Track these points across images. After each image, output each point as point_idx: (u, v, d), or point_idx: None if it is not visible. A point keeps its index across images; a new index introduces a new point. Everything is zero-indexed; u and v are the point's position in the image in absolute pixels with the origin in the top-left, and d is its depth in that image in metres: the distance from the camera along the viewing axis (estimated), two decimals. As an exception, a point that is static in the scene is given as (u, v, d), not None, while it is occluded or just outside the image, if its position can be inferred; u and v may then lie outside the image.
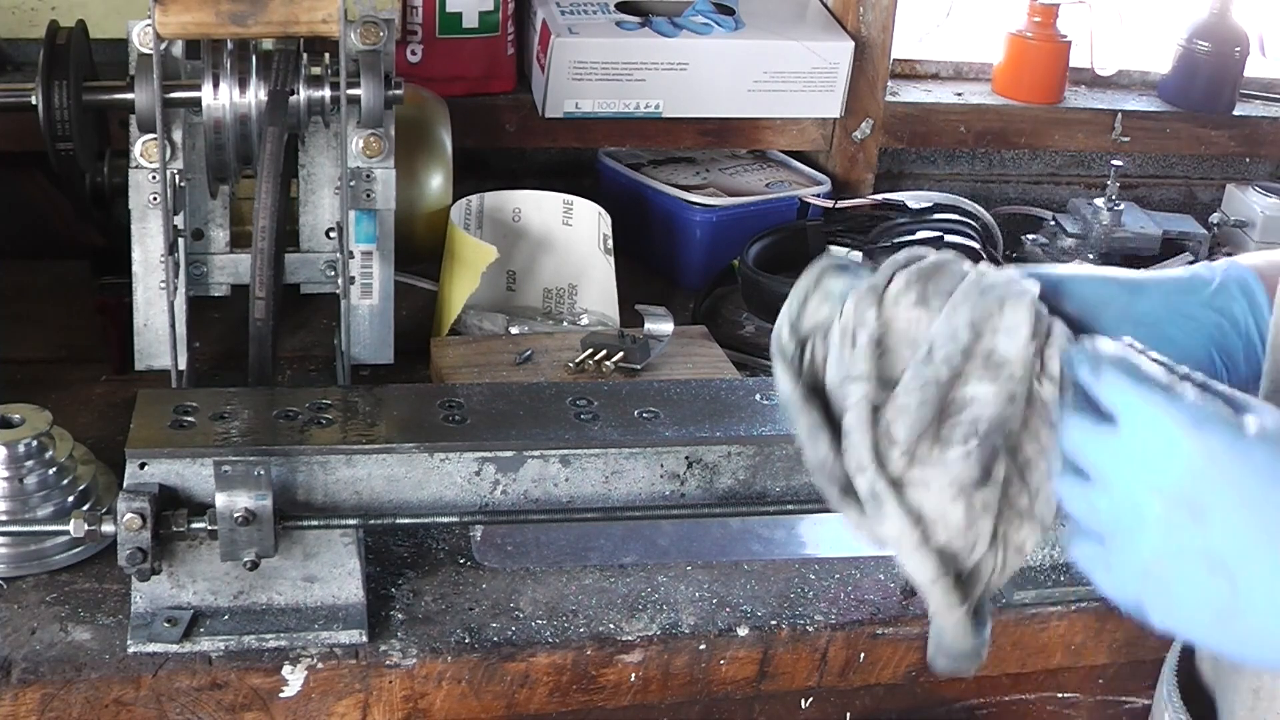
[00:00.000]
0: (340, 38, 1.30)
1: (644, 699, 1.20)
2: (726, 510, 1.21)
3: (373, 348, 1.50)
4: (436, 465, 1.14)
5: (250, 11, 1.27)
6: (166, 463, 1.10)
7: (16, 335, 1.50)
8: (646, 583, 1.24)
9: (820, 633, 1.21)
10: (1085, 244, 1.88)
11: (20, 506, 1.19)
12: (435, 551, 1.25)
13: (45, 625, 1.13)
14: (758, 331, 1.67)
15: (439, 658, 1.14)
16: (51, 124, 1.33)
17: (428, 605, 1.19)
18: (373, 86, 1.35)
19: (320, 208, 1.47)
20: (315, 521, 1.12)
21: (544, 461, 1.16)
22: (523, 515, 1.17)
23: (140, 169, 1.37)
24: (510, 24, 1.89)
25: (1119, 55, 2.22)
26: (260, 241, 1.24)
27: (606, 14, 1.89)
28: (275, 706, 1.12)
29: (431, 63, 1.85)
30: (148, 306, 1.43)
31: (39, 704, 1.08)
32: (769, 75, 1.89)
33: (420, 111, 1.65)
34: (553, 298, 1.68)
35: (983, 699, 1.32)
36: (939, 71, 2.20)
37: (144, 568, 1.07)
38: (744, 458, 1.19)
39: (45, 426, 1.21)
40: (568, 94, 1.84)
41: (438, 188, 1.65)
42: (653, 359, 1.48)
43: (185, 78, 1.36)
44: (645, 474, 1.18)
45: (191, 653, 1.11)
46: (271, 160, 1.26)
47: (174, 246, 1.35)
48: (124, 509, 1.06)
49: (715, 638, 1.19)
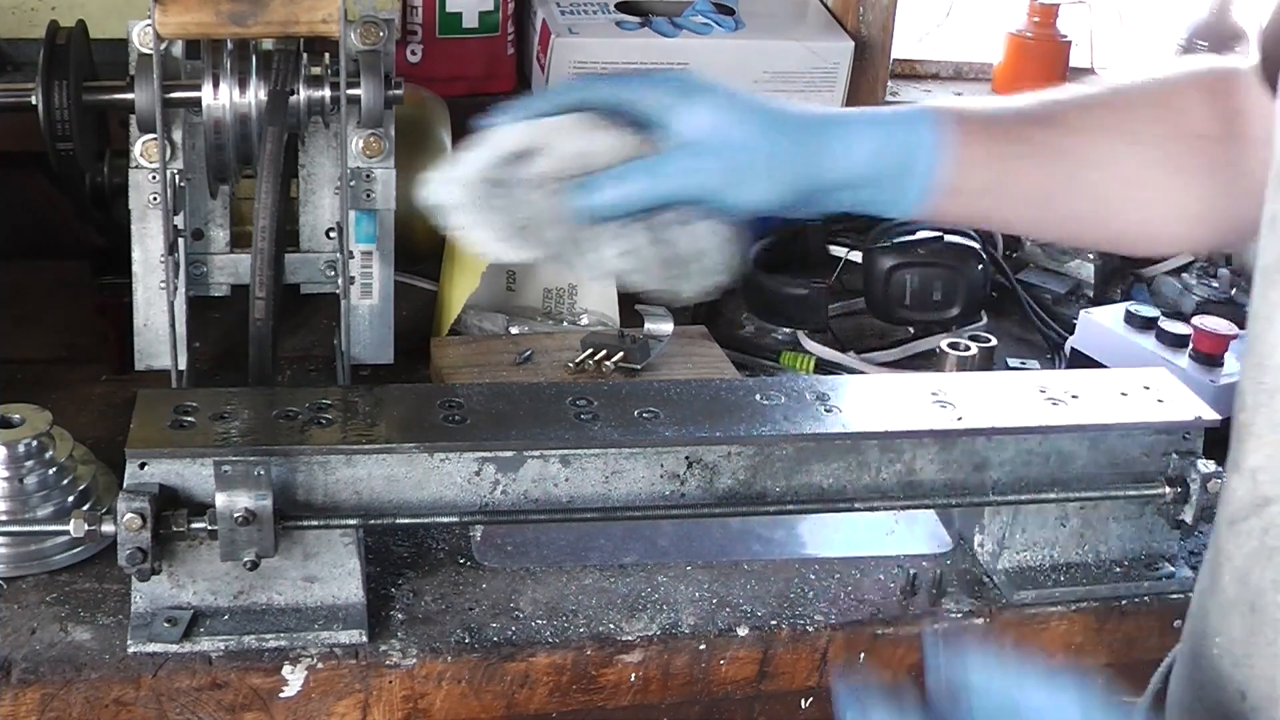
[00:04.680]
0: (340, 38, 1.30)
1: (644, 699, 1.20)
2: (726, 510, 1.21)
3: (373, 348, 1.50)
4: (436, 465, 1.14)
5: (250, 11, 1.27)
6: (166, 463, 1.10)
7: (16, 335, 1.50)
8: (646, 583, 1.24)
9: (820, 633, 1.21)
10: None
11: (20, 506, 1.19)
12: (435, 551, 1.25)
13: (45, 625, 1.13)
14: (758, 331, 1.67)
15: (439, 658, 1.14)
16: (51, 124, 1.33)
17: (428, 605, 1.19)
18: (373, 86, 1.35)
19: (320, 208, 1.47)
20: (315, 521, 1.12)
21: (544, 461, 1.16)
22: (523, 515, 1.17)
23: (140, 169, 1.37)
24: (510, 24, 1.89)
25: (1119, 55, 2.22)
26: (260, 241, 1.24)
27: (606, 14, 1.89)
28: (275, 706, 1.12)
29: (431, 63, 1.85)
30: (148, 306, 1.43)
31: (39, 704, 1.08)
32: (769, 75, 1.89)
33: (420, 111, 1.65)
34: (553, 298, 1.68)
35: (983, 699, 1.32)
36: (939, 71, 2.21)
37: (144, 568, 1.07)
38: (744, 458, 1.19)
39: (45, 426, 1.21)
40: (568, 94, 1.84)
41: (438, 188, 1.64)
42: (653, 359, 1.48)
43: (185, 78, 1.36)
44: (645, 474, 1.18)
45: (191, 653, 1.11)
46: (271, 160, 1.26)
47: (174, 246, 1.35)
48: (124, 509, 1.06)
49: (715, 638, 1.19)
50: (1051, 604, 1.26)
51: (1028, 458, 1.23)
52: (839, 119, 1.01)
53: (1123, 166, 1.05)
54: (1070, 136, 1.03)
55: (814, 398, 1.23)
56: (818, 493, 1.21)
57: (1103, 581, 1.26)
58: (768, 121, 0.97)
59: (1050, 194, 1.05)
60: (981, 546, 1.29)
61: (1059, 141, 1.03)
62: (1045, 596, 1.26)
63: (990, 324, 1.69)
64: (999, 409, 1.24)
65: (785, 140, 0.97)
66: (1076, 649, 1.27)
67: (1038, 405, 1.25)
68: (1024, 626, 1.25)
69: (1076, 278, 1.82)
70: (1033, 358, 1.66)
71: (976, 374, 1.48)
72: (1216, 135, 1.05)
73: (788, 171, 0.97)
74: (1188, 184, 1.06)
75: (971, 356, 1.50)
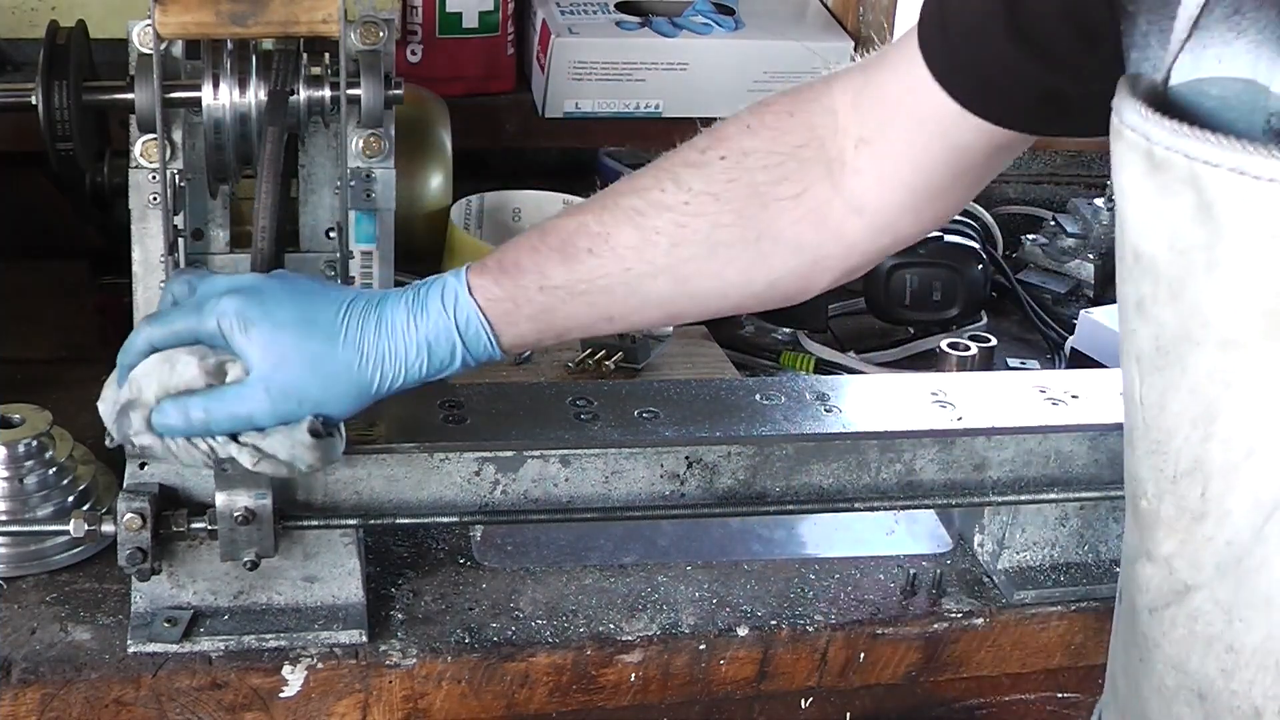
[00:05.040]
0: (340, 38, 1.30)
1: (644, 699, 1.20)
2: (726, 510, 1.21)
3: (373, 348, 1.49)
4: (436, 465, 1.14)
5: (250, 11, 1.26)
6: (166, 462, 1.10)
7: (16, 335, 1.50)
8: (646, 583, 1.24)
9: (820, 633, 1.21)
10: (1085, 244, 1.88)
11: (20, 506, 1.19)
12: (435, 551, 1.25)
13: (45, 625, 1.13)
14: (758, 331, 1.67)
15: (439, 658, 1.14)
16: (51, 124, 1.33)
17: (428, 605, 1.19)
18: (373, 86, 1.34)
19: (320, 208, 1.47)
20: (315, 521, 1.12)
21: (544, 461, 1.16)
22: (523, 515, 1.17)
23: (140, 169, 1.37)
24: (510, 24, 1.89)
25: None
26: (260, 241, 1.24)
27: (606, 14, 1.89)
28: (275, 706, 1.12)
29: (431, 63, 1.85)
30: (148, 306, 1.42)
31: (39, 704, 1.08)
32: (769, 75, 1.89)
33: (420, 111, 1.65)
34: (553, 298, 1.67)
35: (983, 699, 1.32)
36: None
37: (144, 568, 1.07)
38: (744, 458, 1.18)
39: (45, 426, 1.21)
40: (568, 94, 1.84)
41: (438, 188, 1.65)
42: (653, 359, 1.48)
43: (185, 78, 1.36)
44: (645, 474, 1.18)
45: (191, 653, 1.11)
46: (271, 160, 1.26)
47: (174, 246, 1.35)
48: (124, 509, 1.06)
49: (715, 638, 1.19)
50: (1051, 604, 1.26)
51: (1028, 458, 1.23)
52: (381, 328, 1.02)
53: (661, 271, 1.02)
54: (600, 261, 1.01)
55: (814, 398, 1.23)
56: (818, 493, 1.21)
57: (1103, 581, 1.26)
58: (313, 355, 1.01)
59: (610, 313, 1.05)
60: (981, 546, 1.29)
61: (586, 274, 1.02)
62: (1045, 596, 1.26)
63: (990, 324, 1.69)
64: (999, 409, 1.24)
65: (335, 365, 1.01)
66: (1076, 649, 1.27)
67: (1038, 405, 1.25)
68: (1024, 626, 1.25)
69: (1076, 278, 1.82)
70: (1033, 358, 1.66)
71: (976, 374, 1.48)
72: (777, 172, 1.01)
73: (345, 390, 1.02)
74: (761, 251, 1.02)
75: (971, 356, 1.50)
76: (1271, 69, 0.72)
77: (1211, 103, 0.74)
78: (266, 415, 1.01)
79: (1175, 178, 0.73)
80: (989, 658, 1.27)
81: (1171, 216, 0.74)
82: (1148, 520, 0.83)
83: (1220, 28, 0.73)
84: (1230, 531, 0.78)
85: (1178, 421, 0.79)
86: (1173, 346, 0.78)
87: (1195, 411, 0.78)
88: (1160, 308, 0.77)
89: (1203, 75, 0.74)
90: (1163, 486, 0.81)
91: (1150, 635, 0.86)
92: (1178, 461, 0.80)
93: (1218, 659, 0.81)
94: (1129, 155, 0.76)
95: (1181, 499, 0.80)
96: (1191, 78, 0.75)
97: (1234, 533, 0.78)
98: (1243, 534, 0.77)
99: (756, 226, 1.01)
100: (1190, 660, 0.83)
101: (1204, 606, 0.81)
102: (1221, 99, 0.74)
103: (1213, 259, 0.73)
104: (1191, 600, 0.82)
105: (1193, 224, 0.73)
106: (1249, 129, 0.73)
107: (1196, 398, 0.77)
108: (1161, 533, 0.82)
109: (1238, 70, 0.73)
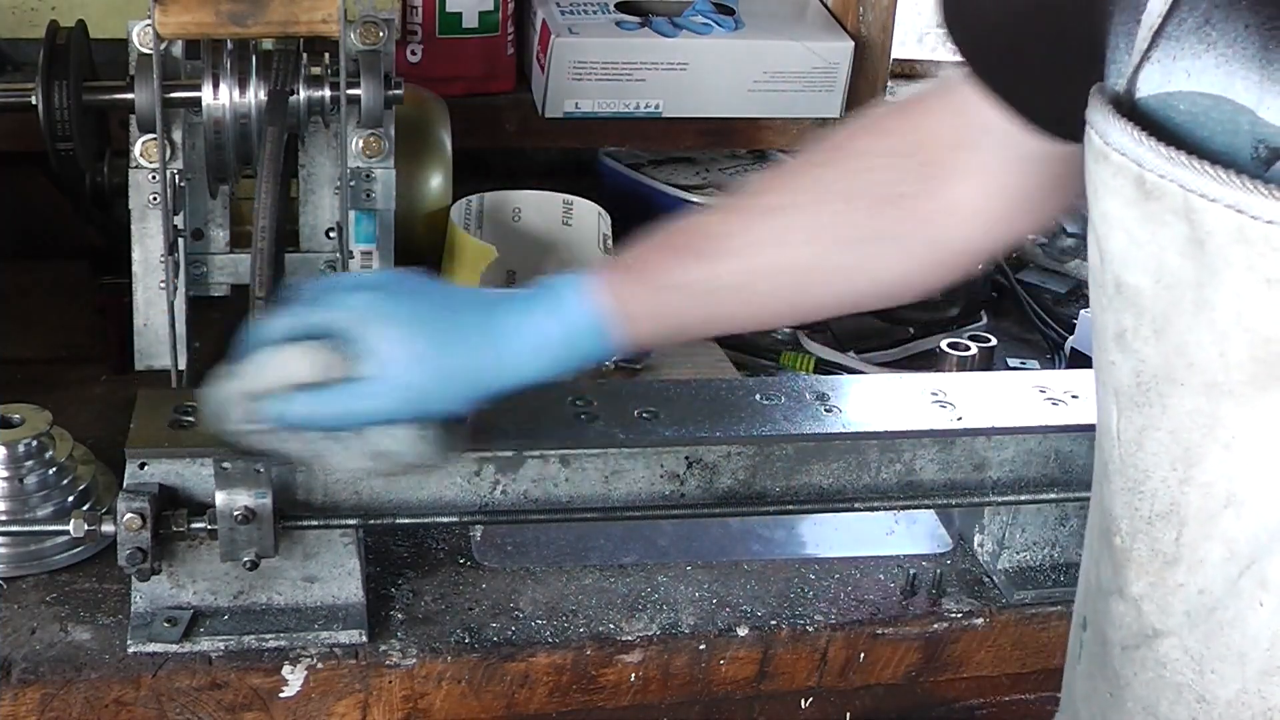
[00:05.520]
0: (340, 38, 1.30)
1: (644, 699, 1.20)
2: (726, 510, 1.21)
3: (373, 348, 1.49)
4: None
5: (250, 11, 1.27)
6: (166, 462, 1.10)
7: (16, 335, 1.50)
8: (646, 583, 1.24)
9: (820, 633, 1.21)
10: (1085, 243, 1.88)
11: (20, 506, 1.19)
12: (435, 551, 1.25)
13: (45, 625, 1.13)
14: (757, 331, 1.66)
15: (439, 658, 1.15)
16: (51, 124, 1.33)
17: (427, 605, 1.19)
18: (373, 86, 1.35)
19: (320, 208, 1.47)
20: (315, 521, 1.12)
21: (544, 461, 1.16)
22: (523, 515, 1.17)
23: (140, 169, 1.37)
24: (510, 24, 1.89)
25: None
26: (260, 241, 1.24)
27: (606, 14, 1.89)
28: (275, 706, 1.12)
29: (431, 63, 1.85)
30: (148, 306, 1.43)
31: (39, 704, 1.08)
32: (769, 75, 1.89)
33: (420, 111, 1.65)
34: (553, 298, 1.67)
35: (983, 699, 1.32)
36: (939, 71, 2.20)
37: (144, 568, 1.07)
38: (744, 458, 1.18)
39: (45, 426, 1.21)
40: (568, 94, 1.84)
41: (438, 188, 1.64)
42: (653, 359, 1.48)
43: (185, 78, 1.36)
44: (645, 474, 1.18)
45: (191, 653, 1.11)
46: (271, 160, 1.26)
47: (174, 246, 1.35)
48: (124, 509, 1.06)
49: (715, 638, 1.19)
50: (1051, 604, 1.26)
51: (1028, 458, 1.23)
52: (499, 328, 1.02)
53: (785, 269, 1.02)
54: (727, 260, 1.01)
55: (814, 398, 1.23)
56: (818, 493, 1.21)
57: (1103, 581, 1.26)
58: (435, 353, 1.01)
59: (733, 312, 1.05)
60: (981, 546, 1.29)
61: (712, 272, 1.01)
62: (1045, 596, 1.26)
63: (990, 324, 1.69)
64: (999, 409, 1.24)
65: (454, 363, 1.01)
66: (1076, 649, 1.27)
67: (1038, 405, 1.25)
68: (1024, 626, 1.25)
69: (1076, 278, 1.82)
70: (1033, 358, 1.66)
71: (976, 374, 1.48)
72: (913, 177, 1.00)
73: (463, 390, 1.02)
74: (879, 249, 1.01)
75: (971, 356, 1.50)
76: (1249, 88, 0.69)
77: (1181, 117, 0.71)
78: (389, 411, 1.01)
79: (1167, 207, 0.70)
80: (989, 658, 1.27)
81: (1160, 248, 0.72)
82: (1120, 558, 0.81)
83: (1190, 39, 0.71)
84: (1203, 580, 0.76)
85: (1155, 462, 0.77)
86: (1154, 384, 0.75)
87: (1175, 453, 0.75)
88: (1142, 343, 0.75)
89: (1171, 89, 0.72)
90: (1137, 525, 0.79)
91: (1121, 673, 0.84)
92: (1153, 503, 0.77)
93: (1188, 708, 0.79)
94: (1115, 180, 0.73)
95: (1155, 541, 0.78)
96: (1160, 90, 0.72)
97: (1206, 582, 0.76)
98: (1216, 584, 0.75)
99: (877, 226, 1.01)
100: (1160, 705, 0.81)
101: (1172, 654, 0.79)
102: (1191, 115, 0.71)
103: (1202, 298, 0.70)
104: (1160, 646, 0.80)
105: (1183, 258, 0.70)
106: (1229, 151, 0.70)
107: (1177, 439, 0.75)
108: (1133, 572, 0.80)
109: (1207, 85, 0.70)
